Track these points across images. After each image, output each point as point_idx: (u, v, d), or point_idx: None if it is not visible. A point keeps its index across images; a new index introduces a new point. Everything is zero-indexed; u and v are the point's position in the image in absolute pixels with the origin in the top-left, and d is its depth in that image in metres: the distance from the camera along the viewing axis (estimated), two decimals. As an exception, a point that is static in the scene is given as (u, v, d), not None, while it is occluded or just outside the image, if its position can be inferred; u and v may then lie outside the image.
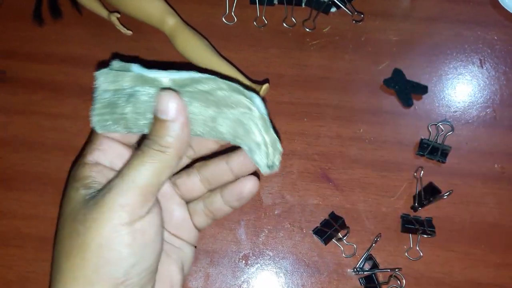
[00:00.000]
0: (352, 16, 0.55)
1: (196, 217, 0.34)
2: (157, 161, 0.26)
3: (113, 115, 0.29)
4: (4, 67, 0.52)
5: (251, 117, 0.28)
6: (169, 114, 0.27)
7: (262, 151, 0.29)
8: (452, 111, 0.51)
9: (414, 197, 0.47)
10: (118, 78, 0.29)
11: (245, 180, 0.32)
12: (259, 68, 0.52)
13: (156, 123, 0.27)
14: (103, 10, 0.52)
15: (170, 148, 0.27)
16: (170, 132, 0.27)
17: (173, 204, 0.33)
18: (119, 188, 0.25)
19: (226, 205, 0.33)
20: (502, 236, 0.46)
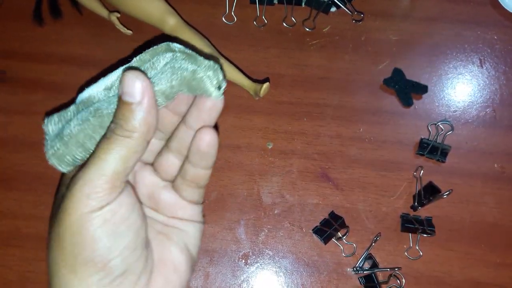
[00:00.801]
0: (352, 15, 0.55)
1: (183, 193, 0.32)
2: (123, 147, 0.25)
3: (62, 141, 0.27)
4: (4, 67, 0.52)
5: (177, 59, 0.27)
6: (134, 96, 0.25)
7: (202, 75, 0.27)
8: (452, 110, 0.51)
9: (414, 197, 0.47)
10: (63, 116, 0.28)
11: (199, 133, 0.29)
12: (259, 68, 0.52)
13: (121, 106, 0.26)
14: (103, 10, 0.53)
15: (136, 133, 0.26)
16: (135, 115, 0.25)
17: (159, 189, 0.32)
18: (85, 178, 0.25)
19: (197, 168, 0.30)
20: (502, 236, 0.46)
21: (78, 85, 0.51)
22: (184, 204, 0.32)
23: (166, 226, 0.31)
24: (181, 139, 0.31)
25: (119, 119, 0.26)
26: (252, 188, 0.47)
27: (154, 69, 0.28)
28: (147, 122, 0.26)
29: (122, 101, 0.26)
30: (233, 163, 0.48)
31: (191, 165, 0.30)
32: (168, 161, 0.32)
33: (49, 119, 0.29)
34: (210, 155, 0.30)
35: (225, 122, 0.50)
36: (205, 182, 0.32)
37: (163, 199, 0.32)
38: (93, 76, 0.52)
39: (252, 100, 0.51)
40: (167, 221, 0.32)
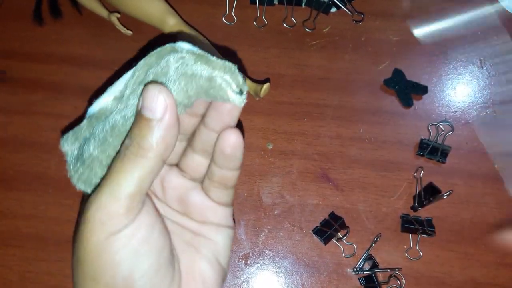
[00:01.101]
0: (352, 16, 0.55)
1: (212, 194, 0.30)
2: (138, 168, 0.24)
3: (85, 164, 0.26)
4: (4, 67, 0.52)
5: (188, 63, 0.25)
6: (155, 112, 0.24)
7: (220, 82, 0.25)
8: (452, 111, 0.51)
9: (414, 197, 0.47)
10: (77, 133, 0.27)
11: (224, 135, 0.28)
12: (259, 68, 0.52)
13: (139, 121, 0.24)
14: (103, 10, 0.53)
15: (153, 152, 0.24)
16: (154, 132, 0.24)
17: (188, 191, 0.30)
18: (98, 203, 0.24)
19: (224, 169, 0.29)
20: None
21: (78, 85, 0.51)
22: (213, 205, 0.31)
23: (196, 236, 0.30)
24: (204, 140, 0.29)
25: (136, 135, 0.24)
26: (252, 189, 0.47)
27: (164, 75, 0.25)
28: (166, 141, 0.24)
29: (141, 116, 0.24)
30: (233, 164, 0.48)
31: (217, 166, 0.29)
32: (194, 161, 0.30)
33: (64, 139, 0.27)
34: (236, 157, 0.28)
35: (225, 123, 0.50)
36: (234, 183, 0.30)
37: (192, 201, 0.30)
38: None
39: (252, 100, 0.51)
40: (197, 229, 0.30)
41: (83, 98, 0.51)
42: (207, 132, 0.29)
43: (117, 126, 0.25)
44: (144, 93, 0.24)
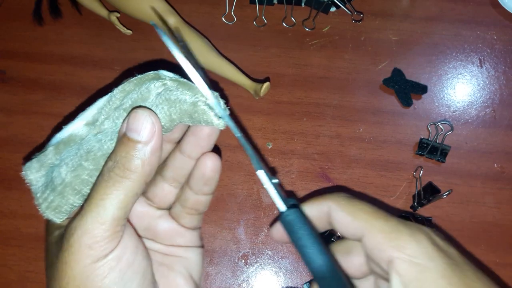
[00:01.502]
0: (351, 15, 0.55)
1: (182, 220, 0.31)
2: (122, 190, 0.24)
3: (55, 191, 0.25)
4: (4, 67, 0.52)
5: (171, 89, 0.25)
6: (142, 134, 0.24)
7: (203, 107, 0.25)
8: (452, 110, 0.51)
9: (414, 197, 0.47)
10: (43, 161, 0.26)
11: (203, 159, 0.28)
12: (259, 67, 0.52)
13: (124, 143, 0.24)
14: (103, 10, 0.53)
15: (138, 174, 0.24)
16: (139, 155, 0.24)
17: (155, 220, 0.31)
18: (84, 227, 0.23)
19: (199, 195, 0.30)
20: (502, 236, 0.46)
21: (78, 85, 0.51)
22: (183, 231, 0.31)
23: (167, 256, 0.30)
24: (177, 167, 0.29)
25: (121, 157, 0.24)
26: (252, 188, 0.47)
27: (143, 100, 0.26)
28: (151, 163, 0.24)
29: (128, 138, 0.24)
30: (233, 163, 0.48)
31: (192, 192, 0.30)
32: (163, 190, 0.30)
33: (27, 167, 0.27)
34: (214, 180, 0.29)
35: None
36: (206, 208, 0.31)
37: (160, 229, 0.31)
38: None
39: (251, 100, 0.51)
40: (166, 250, 0.31)
41: (83, 98, 0.51)
42: (182, 158, 0.29)
43: (92, 151, 0.25)
44: (131, 116, 0.24)
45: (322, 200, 0.29)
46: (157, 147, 0.24)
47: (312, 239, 0.26)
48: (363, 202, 0.29)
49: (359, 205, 0.28)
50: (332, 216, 0.29)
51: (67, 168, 0.25)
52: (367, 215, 0.27)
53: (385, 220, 0.27)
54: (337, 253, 0.30)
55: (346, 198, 0.29)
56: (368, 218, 0.27)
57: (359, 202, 0.29)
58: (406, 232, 0.26)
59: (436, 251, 0.25)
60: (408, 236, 0.25)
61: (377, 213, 0.28)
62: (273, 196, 0.27)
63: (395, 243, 0.25)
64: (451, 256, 0.25)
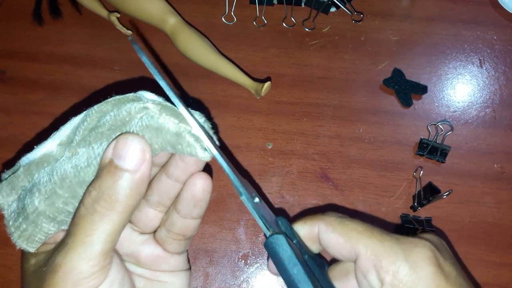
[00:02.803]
0: (351, 16, 0.55)
1: (168, 246, 0.29)
2: (109, 223, 0.22)
3: (28, 220, 0.24)
4: (4, 67, 0.52)
5: (152, 115, 0.23)
6: (130, 162, 0.22)
7: (188, 139, 0.23)
8: (452, 111, 0.51)
9: (414, 197, 0.47)
10: (14, 183, 0.24)
11: (192, 180, 0.26)
12: (258, 67, 0.52)
13: (110, 171, 0.22)
14: (103, 10, 0.53)
15: (125, 205, 0.22)
16: (127, 183, 0.22)
17: (138, 245, 0.29)
18: (69, 264, 0.22)
19: (187, 219, 0.27)
20: (502, 236, 0.46)
21: (78, 85, 0.51)
22: (168, 256, 0.29)
23: (150, 281, 0.29)
24: (163, 191, 0.27)
25: (107, 188, 0.22)
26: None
27: (123, 124, 0.24)
28: (140, 193, 0.23)
29: (114, 166, 0.22)
30: (233, 163, 0.48)
31: (179, 216, 0.27)
32: (148, 215, 0.28)
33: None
34: (204, 202, 0.27)
35: (225, 122, 0.50)
36: (194, 233, 0.29)
37: (143, 255, 0.29)
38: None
39: (251, 100, 0.51)
40: (150, 275, 0.29)
41: (83, 98, 0.51)
42: (168, 182, 0.27)
43: (68, 178, 0.23)
44: (120, 142, 0.22)
45: (313, 221, 0.28)
46: (147, 175, 0.23)
47: (295, 266, 0.25)
48: (355, 221, 0.28)
49: (351, 224, 0.27)
50: (323, 237, 0.28)
51: (40, 196, 0.23)
52: (360, 235, 0.26)
53: (379, 240, 0.26)
54: (333, 277, 0.29)
55: (338, 218, 0.28)
56: (362, 238, 0.26)
57: (351, 221, 0.28)
58: (401, 254, 0.25)
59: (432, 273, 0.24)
60: (403, 258, 0.25)
61: (371, 232, 0.27)
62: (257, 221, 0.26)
63: (389, 267, 0.25)
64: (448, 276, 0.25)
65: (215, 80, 0.51)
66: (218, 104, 0.51)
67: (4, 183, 0.25)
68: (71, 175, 0.23)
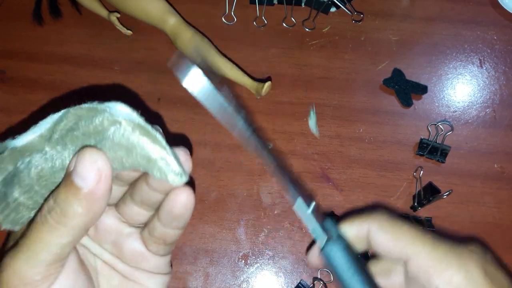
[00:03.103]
0: (351, 16, 0.55)
1: (150, 247, 0.28)
2: (57, 237, 0.21)
3: (9, 207, 0.24)
4: (4, 67, 0.52)
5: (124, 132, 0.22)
6: (87, 181, 0.21)
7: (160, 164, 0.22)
8: (452, 111, 0.51)
9: (414, 197, 0.47)
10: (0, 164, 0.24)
11: (173, 195, 0.25)
12: (259, 67, 0.52)
13: (68, 186, 0.21)
14: (103, 10, 0.53)
15: (77, 221, 0.21)
16: (81, 202, 0.21)
17: (123, 237, 0.28)
18: (13, 267, 0.22)
19: (167, 228, 0.26)
20: (502, 236, 0.46)
21: (78, 85, 0.51)
22: (149, 256, 0.28)
23: (125, 280, 0.28)
24: (145, 194, 0.26)
25: (61, 201, 0.21)
26: (252, 188, 0.47)
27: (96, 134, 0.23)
28: (93, 212, 0.22)
29: (71, 182, 0.21)
30: (233, 163, 0.48)
31: (160, 223, 0.26)
32: (132, 210, 0.27)
33: None
34: (184, 218, 0.26)
35: (225, 122, 0.50)
36: (175, 240, 0.28)
37: (127, 248, 0.28)
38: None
39: (251, 100, 0.51)
40: (128, 273, 0.28)
41: (83, 97, 0.51)
42: (149, 190, 0.26)
43: (44, 176, 0.23)
44: (79, 157, 0.21)
45: (362, 220, 0.28)
46: (102, 196, 0.22)
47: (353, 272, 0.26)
48: (406, 224, 0.28)
49: (402, 227, 0.28)
50: (373, 238, 0.28)
51: (20, 189, 0.23)
52: (413, 239, 0.27)
53: (432, 246, 0.27)
54: (376, 273, 0.29)
55: (388, 218, 0.28)
56: (414, 243, 0.27)
57: (402, 223, 0.28)
58: (455, 262, 0.26)
59: (484, 282, 0.25)
60: (457, 266, 0.26)
61: (423, 237, 0.27)
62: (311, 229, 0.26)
63: (443, 273, 0.25)
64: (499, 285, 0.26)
65: (215, 80, 0.51)
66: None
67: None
68: (47, 175, 0.23)
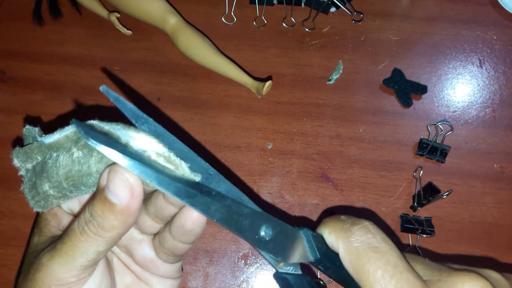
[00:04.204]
0: (351, 16, 0.55)
1: (160, 255, 0.29)
2: (94, 246, 0.23)
3: (40, 196, 0.26)
4: (4, 67, 0.52)
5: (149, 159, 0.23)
6: (121, 199, 0.22)
7: None
8: (452, 111, 0.51)
9: (414, 197, 0.47)
10: (29, 154, 0.26)
11: (187, 209, 0.26)
12: (258, 67, 0.52)
13: (102, 202, 0.22)
14: (103, 10, 0.53)
15: (113, 233, 0.23)
16: (115, 217, 0.22)
17: (135, 243, 0.29)
18: (50, 269, 0.23)
19: (177, 241, 0.27)
20: (502, 236, 0.46)
21: (78, 85, 0.51)
22: (159, 263, 0.30)
23: (137, 281, 0.30)
24: (158, 207, 0.27)
25: (97, 215, 0.23)
26: (252, 188, 0.47)
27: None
28: (128, 224, 0.23)
29: (104, 197, 0.22)
30: (232, 163, 0.48)
31: (171, 236, 0.27)
32: (145, 221, 0.29)
33: (15, 153, 0.26)
34: (194, 234, 0.27)
35: (225, 122, 0.50)
36: (184, 253, 0.29)
37: (138, 254, 0.30)
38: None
39: (251, 100, 0.51)
40: (140, 273, 0.30)
41: (83, 98, 0.51)
42: (163, 202, 0.27)
43: (72, 177, 0.24)
44: (110, 174, 0.22)
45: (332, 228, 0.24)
46: (135, 210, 0.23)
47: None
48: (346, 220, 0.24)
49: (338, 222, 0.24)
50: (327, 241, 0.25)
51: (49, 183, 0.25)
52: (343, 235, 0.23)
53: None
54: None
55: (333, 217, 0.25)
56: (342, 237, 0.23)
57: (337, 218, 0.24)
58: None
59: None
60: None
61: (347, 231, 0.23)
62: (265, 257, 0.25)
63: None
64: None
65: (216, 80, 0.51)
66: (218, 104, 0.51)
67: (21, 151, 0.26)
68: (74, 176, 0.24)
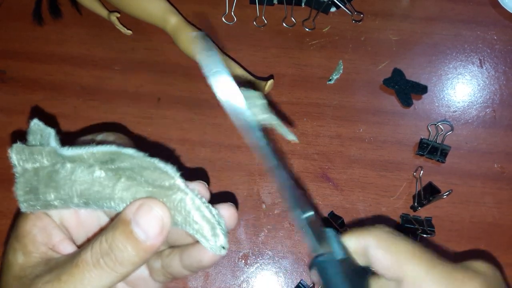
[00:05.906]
0: (351, 16, 0.55)
1: (154, 274, 0.28)
2: (105, 279, 0.21)
3: (39, 201, 0.24)
4: (4, 67, 0.52)
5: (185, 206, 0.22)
6: (149, 236, 0.21)
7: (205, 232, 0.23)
8: (452, 111, 0.51)
9: (414, 197, 0.47)
10: (35, 155, 0.24)
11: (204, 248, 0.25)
12: (258, 67, 0.52)
13: (126, 233, 0.21)
14: (103, 10, 0.53)
15: (126, 268, 0.22)
16: (139, 253, 0.21)
17: None
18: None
19: (185, 270, 0.26)
20: (502, 236, 0.46)
21: (78, 85, 0.51)
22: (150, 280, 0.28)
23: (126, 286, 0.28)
24: (174, 234, 0.26)
25: (117, 248, 0.21)
26: (252, 188, 0.47)
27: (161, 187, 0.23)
28: (146, 260, 0.22)
29: (130, 231, 0.21)
30: (233, 163, 0.48)
31: (181, 264, 0.26)
32: None
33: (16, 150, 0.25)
34: (208, 266, 0.26)
35: (225, 122, 0.50)
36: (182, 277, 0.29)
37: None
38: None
39: (252, 100, 0.51)
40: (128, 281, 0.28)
41: (83, 98, 0.51)
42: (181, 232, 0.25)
43: (88, 196, 0.23)
44: (142, 208, 0.21)
45: (362, 234, 0.27)
46: (158, 247, 0.22)
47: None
48: (407, 241, 0.26)
49: (401, 244, 0.26)
50: (370, 253, 0.26)
51: (56, 194, 0.24)
52: (409, 259, 0.25)
53: (428, 267, 0.25)
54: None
55: (388, 234, 0.26)
56: (410, 263, 0.25)
57: (401, 240, 0.26)
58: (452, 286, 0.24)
59: None
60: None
61: (421, 258, 0.25)
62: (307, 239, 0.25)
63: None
64: None
65: (215, 80, 0.51)
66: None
67: (26, 149, 0.24)
68: (91, 195, 0.23)
